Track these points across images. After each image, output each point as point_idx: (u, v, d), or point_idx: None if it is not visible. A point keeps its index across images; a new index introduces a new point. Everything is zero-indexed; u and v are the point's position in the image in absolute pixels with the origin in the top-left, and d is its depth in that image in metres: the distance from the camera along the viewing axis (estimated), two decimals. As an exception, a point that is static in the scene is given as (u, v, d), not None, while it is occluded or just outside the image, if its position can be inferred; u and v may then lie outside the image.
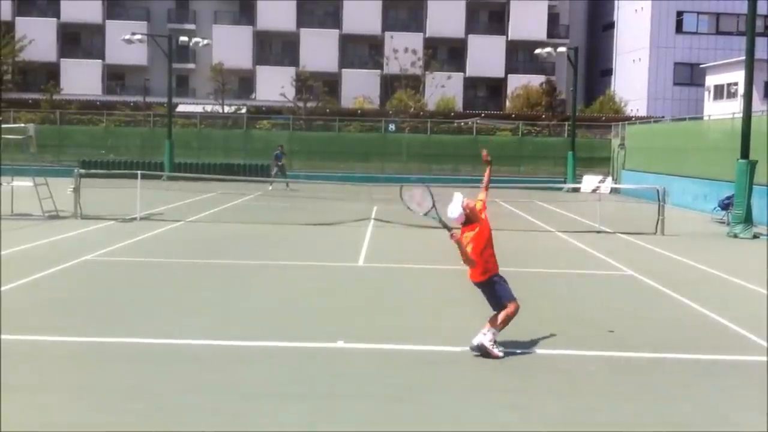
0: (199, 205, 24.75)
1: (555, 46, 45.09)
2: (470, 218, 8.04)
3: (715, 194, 24.67)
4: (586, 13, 69.64)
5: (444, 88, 55.57)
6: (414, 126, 45.05)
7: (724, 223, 22.03)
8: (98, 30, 63.37)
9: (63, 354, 7.77)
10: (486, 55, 64.23)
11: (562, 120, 47.71)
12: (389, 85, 57.04)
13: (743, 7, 24.42)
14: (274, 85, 56.84)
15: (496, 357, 7.74)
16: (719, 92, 52.19)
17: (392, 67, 55.16)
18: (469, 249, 7.82)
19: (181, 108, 52.96)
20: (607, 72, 66.57)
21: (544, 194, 33.23)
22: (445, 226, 7.77)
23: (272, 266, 13.59)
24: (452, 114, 53.68)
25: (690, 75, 59.03)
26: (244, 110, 51.67)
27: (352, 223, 20.12)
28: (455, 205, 7.84)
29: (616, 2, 64.66)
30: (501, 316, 7.91)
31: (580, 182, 37.00)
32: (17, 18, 61.32)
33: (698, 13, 59.92)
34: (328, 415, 6.18)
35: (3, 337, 8.07)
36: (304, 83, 53.90)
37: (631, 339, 8.90)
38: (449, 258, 14.77)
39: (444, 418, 6.17)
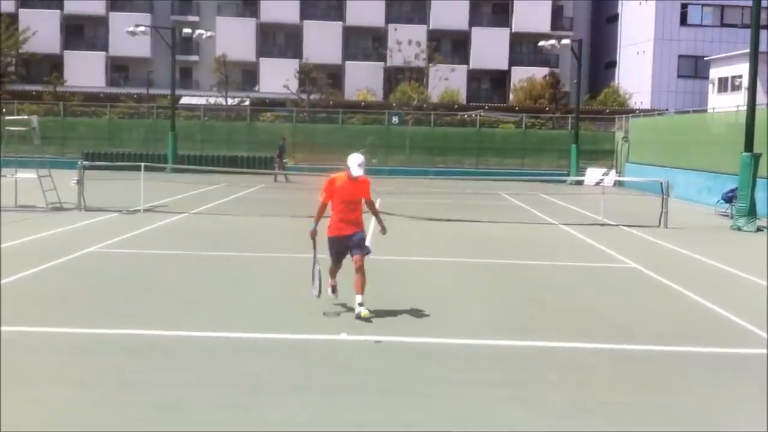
0: (202, 197, 24.76)
1: (559, 38, 44.95)
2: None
3: (719, 187, 24.64)
4: (590, 5, 69.47)
5: (447, 81, 55.52)
6: (417, 118, 45.00)
7: (727, 216, 22.00)
8: (102, 22, 63.39)
9: (66, 345, 7.79)
10: (490, 48, 64.15)
11: (566, 112, 47.67)
12: (393, 77, 56.99)
13: (748, 0, 24.32)
14: (278, 78, 56.85)
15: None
16: (723, 85, 52.06)
17: (396, 60, 55.09)
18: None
19: (184, 100, 53.01)
20: (611, 64, 66.44)
21: (547, 187, 33.22)
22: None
23: (275, 258, 13.60)
24: (456, 106, 53.65)
25: (694, 68, 58.90)
26: (247, 102, 51.68)
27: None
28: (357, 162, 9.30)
29: (620, -6, 64.53)
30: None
31: (583, 175, 36.95)
32: (20, 10, 61.35)
33: (702, 5, 59.74)
34: (330, 407, 6.19)
35: (6, 328, 8.09)
36: (307, 75, 53.91)
37: (634, 331, 8.91)
38: (452, 251, 14.79)
39: (446, 410, 6.17)
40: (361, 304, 8.97)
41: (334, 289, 9.38)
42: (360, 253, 9.00)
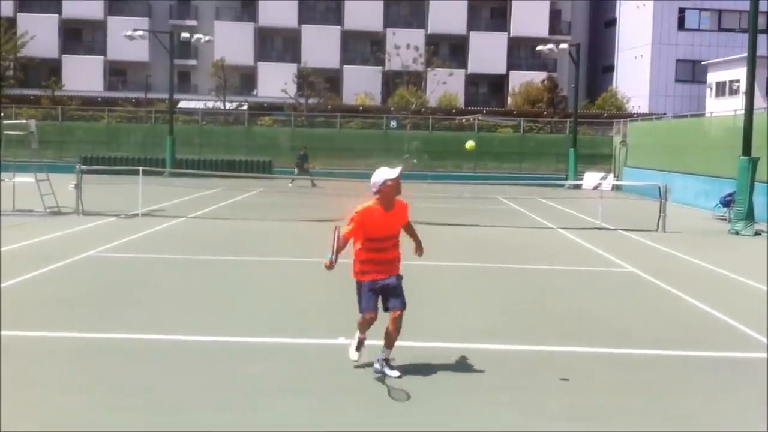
0: (200, 201, 24.76)
1: (557, 42, 45.00)
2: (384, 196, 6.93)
3: (717, 191, 24.66)
4: (588, 9, 69.57)
5: (446, 85, 55.55)
6: (415, 123, 45.03)
7: (725, 220, 22.02)
8: (100, 26, 63.39)
9: (65, 349, 7.77)
10: (488, 52, 64.19)
11: (564, 117, 47.71)
12: (391, 81, 57.01)
13: (745, 4, 24.41)
14: (276, 82, 56.89)
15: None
16: (721, 89, 52.15)
17: (394, 64, 55.14)
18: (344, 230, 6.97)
19: (182, 104, 53.03)
20: (609, 69, 66.51)
21: (545, 191, 33.23)
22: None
23: (274, 262, 13.60)
24: (454, 111, 53.66)
25: (692, 72, 58.98)
26: (245, 107, 51.68)
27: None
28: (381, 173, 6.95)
29: (618, -1, 64.67)
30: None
31: (581, 179, 36.98)
32: (19, 14, 61.33)
33: (700, 9, 59.85)
34: (329, 411, 6.19)
35: (5, 333, 8.09)
36: (305, 80, 53.94)
37: (632, 335, 8.91)
38: (451, 255, 14.78)
39: (445, 414, 6.17)
40: (390, 364, 7.10)
41: (360, 344, 7.23)
42: (399, 306, 7.00)
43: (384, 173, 6.89)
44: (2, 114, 39.50)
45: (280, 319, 9.34)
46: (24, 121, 24.96)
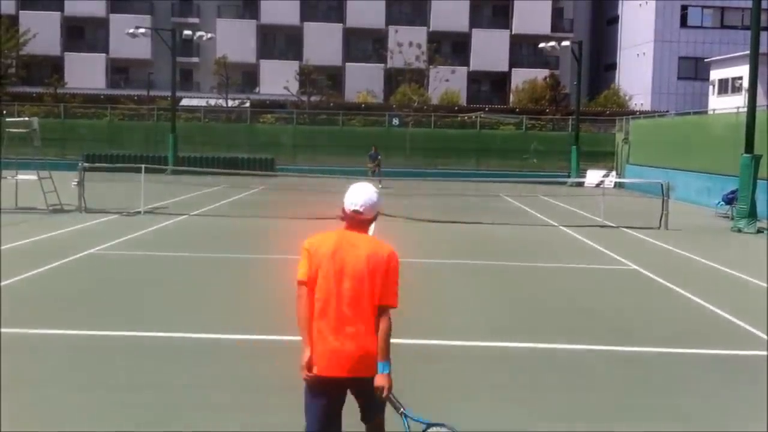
0: (202, 199, 24.75)
1: (559, 40, 44.97)
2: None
3: (719, 189, 24.62)
4: (591, 7, 69.46)
5: (448, 82, 55.48)
6: (418, 120, 44.99)
7: (727, 217, 21.99)
8: (102, 24, 63.40)
9: (66, 347, 7.78)
10: (490, 49, 64.13)
11: (566, 114, 47.66)
12: (393, 79, 56.96)
13: (748, 2, 24.34)
14: (278, 79, 56.83)
15: None
16: (724, 87, 52.02)
17: (396, 61, 55.06)
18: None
19: (184, 102, 53.02)
20: (612, 66, 66.42)
21: (547, 188, 33.20)
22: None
23: (275, 260, 13.59)
24: (456, 108, 53.63)
25: (694, 69, 58.85)
26: (247, 104, 51.68)
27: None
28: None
29: (620, -4, 64.55)
30: None
31: (584, 176, 36.94)
32: (21, 12, 61.33)
33: (703, 7, 59.73)
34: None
35: (5, 330, 8.09)
36: (307, 77, 53.93)
37: (635, 333, 8.91)
38: (452, 252, 14.77)
39: (446, 411, 6.17)
40: None
41: None
42: (379, 413, 4.76)
43: (353, 197, 4.51)
44: (4, 111, 39.55)
45: (282, 317, 9.33)
46: (26, 118, 24.98)
